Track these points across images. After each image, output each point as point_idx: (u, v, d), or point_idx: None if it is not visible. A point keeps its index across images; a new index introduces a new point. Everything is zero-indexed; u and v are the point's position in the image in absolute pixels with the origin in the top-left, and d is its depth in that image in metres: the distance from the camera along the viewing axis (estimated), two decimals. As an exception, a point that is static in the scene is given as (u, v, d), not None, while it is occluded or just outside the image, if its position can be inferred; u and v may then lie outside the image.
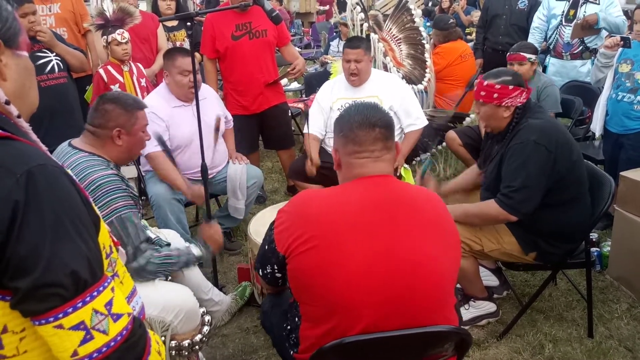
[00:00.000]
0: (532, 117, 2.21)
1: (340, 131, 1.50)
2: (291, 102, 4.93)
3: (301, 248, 1.35)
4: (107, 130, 1.91)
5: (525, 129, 2.18)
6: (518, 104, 2.22)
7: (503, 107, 2.22)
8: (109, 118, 1.91)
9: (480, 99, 2.27)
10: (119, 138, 1.93)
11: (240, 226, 3.38)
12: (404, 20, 4.34)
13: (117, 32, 3.27)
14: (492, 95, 2.22)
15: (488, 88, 2.23)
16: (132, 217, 1.87)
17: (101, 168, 1.86)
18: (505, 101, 2.21)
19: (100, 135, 1.92)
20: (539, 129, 2.16)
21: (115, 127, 1.91)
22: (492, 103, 2.23)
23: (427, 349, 1.41)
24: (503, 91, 2.20)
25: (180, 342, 1.88)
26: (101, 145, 1.93)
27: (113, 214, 1.83)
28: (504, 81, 2.21)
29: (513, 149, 2.17)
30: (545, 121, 2.22)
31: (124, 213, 1.85)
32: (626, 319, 2.48)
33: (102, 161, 1.90)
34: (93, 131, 1.93)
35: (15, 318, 0.92)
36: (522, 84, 2.24)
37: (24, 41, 1.02)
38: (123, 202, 1.86)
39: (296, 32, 11.17)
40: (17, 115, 0.98)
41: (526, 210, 2.14)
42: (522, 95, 2.21)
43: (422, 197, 1.46)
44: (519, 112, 2.24)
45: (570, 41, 4.18)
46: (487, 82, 2.24)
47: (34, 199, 0.89)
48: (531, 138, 2.13)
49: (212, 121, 2.92)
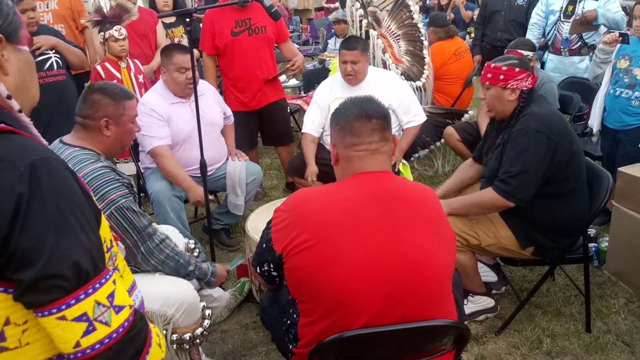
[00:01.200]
0: (536, 106, 2.23)
1: (337, 124, 1.50)
2: (290, 99, 4.93)
3: (299, 247, 1.35)
4: (95, 121, 1.89)
5: (528, 116, 2.20)
6: (523, 88, 2.23)
7: (509, 89, 2.24)
8: (97, 108, 1.89)
9: (487, 81, 2.29)
10: (107, 128, 1.91)
11: (239, 222, 3.39)
12: (402, 16, 4.34)
13: (114, 29, 3.27)
14: (499, 77, 2.24)
15: (495, 70, 2.26)
16: (130, 204, 1.87)
17: (91, 162, 1.85)
18: (510, 83, 2.22)
19: (89, 127, 1.90)
20: (541, 117, 2.17)
21: (103, 117, 1.89)
22: (498, 85, 2.25)
23: (426, 343, 1.42)
24: (509, 73, 2.23)
25: (182, 335, 1.89)
26: (90, 137, 1.91)
27: (111, 206, 1.83)
28: (511, 64, 2.25)
29: (514, 135, 2.19)
30: (547, 110, 2.23)
31: (122, 202, 1.85)
32: (624, 314, 2.50)
33: (92, 155, 1.89)
34: (82, 122, 1.91)
35: (18, 310, 0.93)
36: (528, 68, 2.26)
37: (25, 36, 1.02)
38: (118, 192, 1.86)
39: (294, 29, 11.15)
40: (19, 110, 0.99)
41: (522, 196, 2.15)
42: (528, 79, 2.23)
43: (418, 193, 1.47)
44: (524, 99, 2.25)
45: (568, 37, 4.18)
46: (494, 65, 2.28)
47: (37, 191, 0.90)
48: (532, 126, 2.15)
49: (210, 117, 2.92)
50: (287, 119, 3.98)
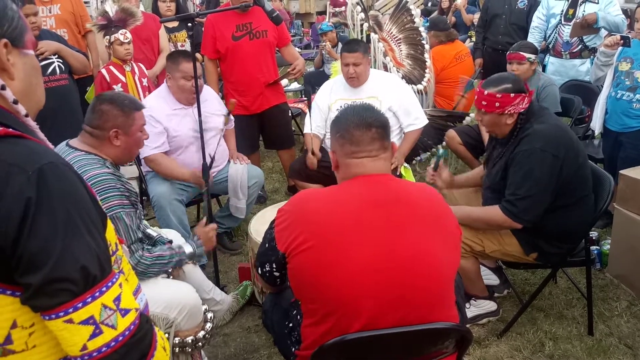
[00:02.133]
0: (537, 122, 2.18)
1: (337, 132, 1.51)
2: (291, 103, 4.93)
3: (301, 247, 1.36)
4: (104, 132, 1.92)
5: (531, 135, 2.15)
6: (521, 110, 2.19)
7: (506, 114, 2.19)
8: (106, 119, 1.91)
9: (482, 108, 2.23)
10: (117, 139, 1.93)
11: (241, 226, 3.39)
12: (403, 20, 4.35)
13: (119, 32, 3.29)
14: (494, 105, 2.18)
15: (489, 97, 2.19)
16: (123, 216, 1.87)
17: (96, 167, 1.87)
18: (507, 109, 2.17)
19: (98, 136, 1.93)
20: (544, 136, 2.13)
21: (112, 127, 1.91)
22: (494, 112, 2.20)
23: (427, 345, 1.42)
24: (505, 99, 2.16)
25: (184, 338, 1.89)
26: (99, 145, 1.93)
27: (107, 213, 1.83)
28: (505, 89, 2.17)
29: (519, 156, 2.15)
30: (550, 126, 2.18)
31: (115, 212, 1.85)
32: (626, 317, 2.49)
33: (97, 160, 1.90)
34: (90, 132, 1.93)
35: (25, 313, 0.93)
36: (523, 89, 2.20)
37: (30, 40, 1.02)
38: (116, 202, 1.86)
39: (296, 33, 11.18)
40: (25, 115, 0.99)
41: (530, 218, 2.14)
42: (524, 101, 2.18)
43: (421, 195, 1.47)
44: (523, 117, 2.21)
45: (569, 40, 4.19)
46: (487, 92, 2.20)
47: (46, 196, 0.90)
48: (536, 146, 2.11)
49: (212, 124, 2.93)
50: (288, 122, 3.99)
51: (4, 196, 0.88)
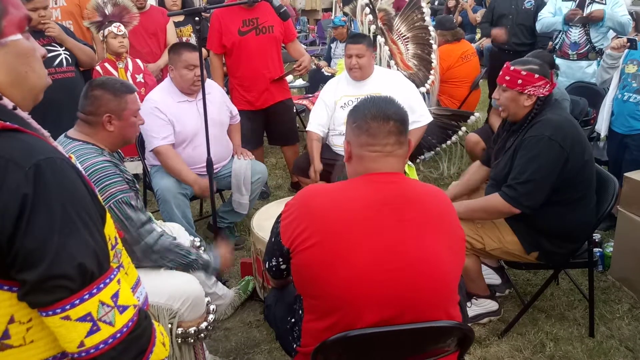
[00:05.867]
0: (550, 112, 2.19)
1: (353, 122, 1.47)
2: (296, 99, 4.93)
3: (305, 244, 1.35)
4: (97, 117, 1.90)
5: (542, 123, 2.16)
6: (540, 95, 2.19)
7: (525, 94, 2.19)
8: (98, 104, 1.90)
9: (504, 83, 2.24)
10: (110, 124, 1.91)
11: (244, 221, 3.40)
12: (414, 18, 4.31)
13: (113, 25, 3.29)
14: (517, 81, 2.19)
15: (514, 73, 2.21)
16: (129, 200, 1.87)
17: (94, 155, 1.86)
18: (528, 89, 2.18)
19: (92, 122, 1.91)
20: (555, 125, 2.14)
21: (105, 112, 1.90)
22: (515, 89, 2.20)
23: (429, 343, 1.42)
24: (528, 78, 2.18)
25: (187, 329, 1.90)
26: (94, 132, 1.92)
27: (110, 199, 1.83)
28: (530, 69, 2.19)
29: (526, 142, 2.16)
30: (562, 118, 2.20)
31: (120, 197, 1.85)
32: (627, 319, 2.49)
33: (95, 149, 1.89)
34: (85, 119, 1.92)
35: (22, 309, 0.93)
36: (547, 75, 2.20)
37: (11, 24, 0.93)
38: (118, 187, 1.86)
39: (302, 29, 11.16)
40: (13, 107, 0.95)
41: (529, 203, 2.14)
42: (546, 86, 2.19)
43: (428, 195, 1.46)
44: (539, 105, 2.21)
45: (577, 40, 4.18)
46: (513, 67, 2.22)
47: (42, 192, 0.89)
48: (545, 133, 2.12)
49: (216, 116, 2.93)
50: (292, 118, 3.99)
51: (0, 192, 0.87)
